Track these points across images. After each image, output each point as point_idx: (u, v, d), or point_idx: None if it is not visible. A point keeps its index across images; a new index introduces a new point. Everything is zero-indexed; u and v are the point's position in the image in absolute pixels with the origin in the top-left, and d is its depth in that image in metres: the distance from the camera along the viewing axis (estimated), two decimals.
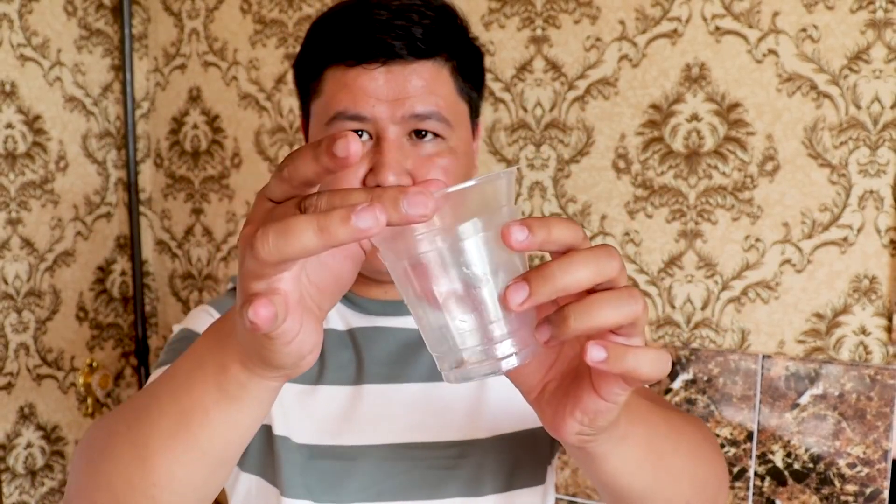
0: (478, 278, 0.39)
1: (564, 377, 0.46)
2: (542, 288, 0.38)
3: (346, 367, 0.76)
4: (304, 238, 0.35)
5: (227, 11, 1.57)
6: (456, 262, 0.39)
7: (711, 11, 1.18)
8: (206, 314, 0.77)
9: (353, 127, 0.70)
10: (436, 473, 0.72)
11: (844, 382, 1.12)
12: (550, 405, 0.46)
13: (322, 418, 0.73)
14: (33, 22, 1.46)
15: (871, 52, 1.09)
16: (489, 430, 0.74)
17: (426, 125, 0.70)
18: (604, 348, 0.39)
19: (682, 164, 1.21)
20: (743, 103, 1.17)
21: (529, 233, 0.37)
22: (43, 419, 1.53)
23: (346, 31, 0.70)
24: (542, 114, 1.30)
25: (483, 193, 0.40)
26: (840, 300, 1.14)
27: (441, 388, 0.76)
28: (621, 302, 0.39)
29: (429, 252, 0.39)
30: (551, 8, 1.28)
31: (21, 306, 1.47)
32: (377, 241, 0.41)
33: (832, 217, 1.13)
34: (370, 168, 0.69)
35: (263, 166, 1.57)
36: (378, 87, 0.69)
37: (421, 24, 0.69)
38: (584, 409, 0.43)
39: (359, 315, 0.79)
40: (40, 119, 1.48)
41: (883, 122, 1.09)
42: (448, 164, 0.71)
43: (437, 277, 0.40)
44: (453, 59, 0.72)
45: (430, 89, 0.70)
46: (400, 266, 0.41)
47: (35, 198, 1.48)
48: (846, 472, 1.13)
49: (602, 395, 0.42)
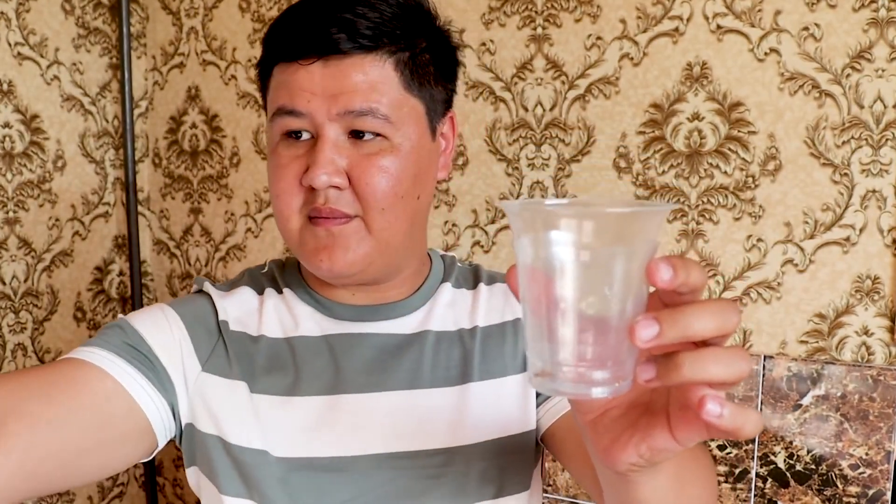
0: (609, 302, 0.39)
1: (631, 408, 0.47)
2: (671, 330, 0.38)
3: (322, 376, 0.73)
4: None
5: (226, 10, 1.56)
6: (595, 281, 0.39)
7: (713, 10, 1.17)
8: (160, 312, 0.74)
9: (292, 123, 0.68)
10: (420, 482, 0.71)
11: (847, 383, 1.12)
12: (609, 432, 0.46)
13: (300, 429, 0.71)
14: (31, 20, 1.45)
15: (873, 50, 1.08)
16: (473, 437, 0.73)
17: (363, 123, 0.67)
18: (720, 405, 0.39)
19: (684, 164, 1.21)
20: (745, 102, 1.16)
21: (674, 274, 0.38)
22: None
23: (292, 26, 0.68)
24: (543, 113, 1.30)
25: (642, 222, 0.40)
26: (842, 300, 1.13)
27: (422, 396, 0.73)
28: (734, 360, 0.39)
29: (573, 262, 0.39)
30: (552, 6, 1.27)
31: (18, 307, 1.46)
32: (517, 229, 0.41)
33: (834, 217, 1.13)
34: (307, 166, 0.67)
35: (262, 165, 1.56)
36: (314, 82, 0.67)
37: (366, 16, 0.66)
38: (651, 446, 0.44)
39: (333, 321, 0.76)
40: (38, 118, 1.48)
41: (885, 122, 1.08)
42: (389, 164, 0.68)
43: (571, 288, 0.40)
44: (403, 52, 0.68)
45: (370, 85, 0.66)
46: (536, 264, 0.40)
47: (32, 197, 1.47)
48: (848, 473, 1.12)
49: (677, 437, 0.43)
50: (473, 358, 0.76)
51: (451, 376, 0.75)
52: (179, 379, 0.71)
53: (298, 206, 0.70)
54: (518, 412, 0.75)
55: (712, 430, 0.42)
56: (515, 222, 0.42)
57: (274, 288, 0.80)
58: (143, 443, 0.70)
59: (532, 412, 0.76)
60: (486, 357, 0.76)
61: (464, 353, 0.76)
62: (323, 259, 0.69)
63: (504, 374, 0.76)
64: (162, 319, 0.73)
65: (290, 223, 0.71)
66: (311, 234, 0.70)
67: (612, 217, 0.40)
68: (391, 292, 0.77)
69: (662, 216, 0.41)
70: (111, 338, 0.70)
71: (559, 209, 0.40)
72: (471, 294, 0.81)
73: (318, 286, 0.78)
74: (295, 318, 0.77)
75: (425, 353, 0.75)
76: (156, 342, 0.71)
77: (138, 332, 0.71)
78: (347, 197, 0.68)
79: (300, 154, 0.69)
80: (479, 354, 0.76)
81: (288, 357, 0.74)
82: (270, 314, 0.77)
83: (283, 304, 0.78)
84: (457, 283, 0.82)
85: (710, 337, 0.39)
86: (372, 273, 0.72)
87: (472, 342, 0.77)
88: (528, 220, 0.41)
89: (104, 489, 1.67)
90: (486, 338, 0.77)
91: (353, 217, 0.69)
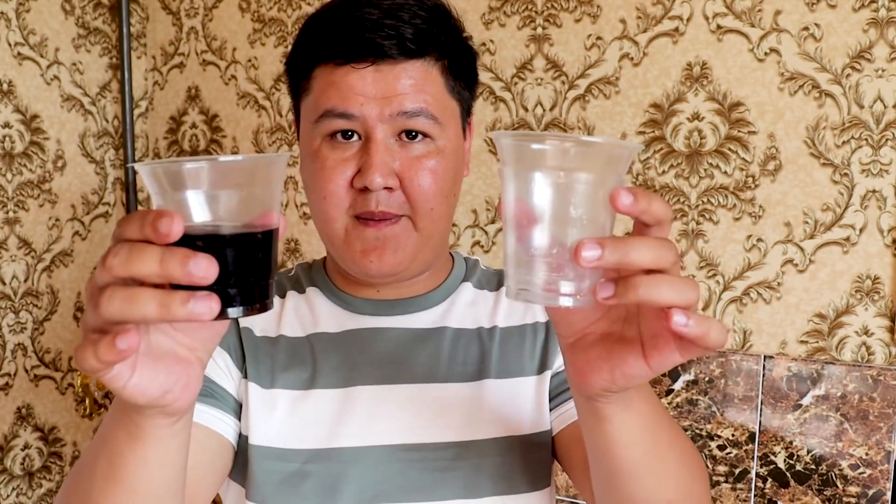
0: (576, 222, 0.44)
1: (605, 337, 0.50)
2: (612, 255, 0.42)
3: (338, 370, 0.75)
4: (146, 309, 0.41)
5: (226, 10, 1.56)
6: (567, 201, 0.44)
7: (713, 10, 1.17)
8: None
9: (342, 125, 0.70)
10: (432, 475, 0.72)
11: (847, 383, 1.12)
12: (585, 354, 0.50)
13: (316, 422, 0.73)
14: (31, 20, 1.45)
15: (873, 50, 1.08)
16: (486, 432, 0.74)
17: (415, 123, 0.70)
18: (685, 315, 0.43)
19: (684, 164, 1.21)
20: (745, 102, 1.16)
21: (634, 200, 0.42)
22: (41, 420, 1.52)
23: (337, 29, 0.70)
24: (543, 113, 1.30)
25: (610, 154, 0.45)
26: (842, 300, 1.13)
27: (437, 389, 0.75)
28: (684, 287, 0.44)
29: (549, 182, 0.44)
30: (552, 6, 1.27)
31: (18, 307, 1.46)
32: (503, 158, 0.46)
33: (834, 217, 1.13)
34: (358, 169, 0.69)
35: None
36: (366, 85, 0.68)
37: (411, 23, 0.69)
38: (624, 371, 0.48)
39: (352, 316, 0.78)
40: (38, 118, 1.48)
41: (885, 122, 1.08)
42: (436, 165, 0.71)
43: (545, 206, 0.45)
44: (444, 58, 0.72)
45: (418, 87, 0.69)
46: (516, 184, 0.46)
47: (32, 197, 1.47)
48: (848, 473, 1.12)
49: (649, 362, 0.47)
50: (491, 356, 0.77)
51: (467, 372, 0.76)
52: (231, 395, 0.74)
53: (346, 208, 0.71)
54: (533, 412, 0.76)
55: (682, 348, 0.45)
56: (502, 151, 0.46)
57: (296, 289, 0.82)
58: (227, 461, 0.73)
59: (546, 413, 0.76)
60: (505, 356, 0.77)
61: (482, 351, 0.77)
62: (373, 260, 0.71)
63: (521, 374, 0.77)
64: None
65: (336, 224, 0.72)
66: (358, 236, 0.71)
67: (583, 145, 0.45)
68: (414, 287, 0.79)
69: (630, 152, 0.46)
70: None
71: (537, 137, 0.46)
72: (493, 296, 0.82)
73: (342, 284, 0.80)
74: (315, 315, 0.79)
75: (443, 347, 0.77)
76: (212, 370, 0.74)
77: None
78: (398, 198, 0.70)
79: (348, 156, 0.70)
80: (497, 353, 0.77)
81: (307, 353, 0.76)
82: (290, 315, 0.79)
83: (305, 302, 0.80)
84: (479, 283, 0.83)
85: (647, 266, 0.43)
86: (413, 270, 0.75)
87: (490, 341, 0.78)
88: (512, 149, 0.46)
89: None
90: (505, 338, 0.78)
91: (400, 217, 0.71)
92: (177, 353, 0.48)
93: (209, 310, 0.41)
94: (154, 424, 0.49)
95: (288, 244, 1.55)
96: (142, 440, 0.50)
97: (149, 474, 0.51)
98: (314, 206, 0.73)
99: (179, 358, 0.48)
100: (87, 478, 0.53)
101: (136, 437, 0.50)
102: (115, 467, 0.51)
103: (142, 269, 0.41)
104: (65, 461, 1.58)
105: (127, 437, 0.50)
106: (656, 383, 1.24)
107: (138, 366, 0.45)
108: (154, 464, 0.51)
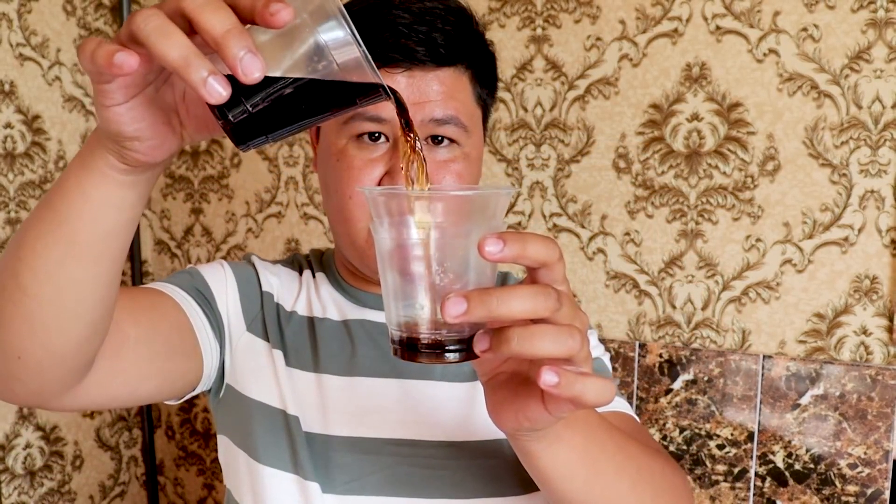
0: (449, 275, 0.43)
1: (514, 376, 0.49)
2: (477, 310, 0.40)
3: (338, 358, 0.76)
4: (170, 49, 0.39)
5: None
6: (436, 256, 0.43)
7: (712, 11, 1.17)
8: (220, 268, 0.79)
9: (372, 128, 0.70)
10: (420, 472, 0.72)
11: (845, 383, 1.12)
12: (497, 393, 0.50)
13: (318, 406, 0.74)
14: (32, 21, 1.46)
15: (872, 51, 1.08)
16: (480, 434, 0.74)
17: (444, 130, 0.70)
18: (556, 374, 0.42)
19: (683, 164, 1.21)
20: (744, 103, 1.17)
21: (504, 246, 0.40)
22: (42, 419, 1.52)
23: (369, 32, 0.69)
24: (543, 113, 1.30)
25: (482, 203, 0.44)
26: (841, 300, 1.13)
27: (433, 387, 0.75)
28: (561, 338, 0.42)
29: (418, 239, 0.43)
30: (551, 7, 1.28)
31: None
32: (373, 211, 0.45)
33: (833, 217, 1.13)
34: (386, 171, 0.70)
35: (263, 166, 1.56)
36: (399, 90, 0.69)
37: (442, 30, 0.69)
38: (526, 415, 0.47)
39: (354, 307, 0.79)
40: (39, 119, 1.48)
41: (884, 122, 1.09)
42: (462, 169, 0.72)
43: (418, 262, 0.44)
44: (472, 67, 0.73)
45: (449, 95, 0.70)
46: (390, 241, 0.45)
47: (34, 198, 1.48)
48: (847, 472, 1.13)
49: (549, 409, 0.46)
50: None
51: (463, 372, 0.76)
52: (226, 331, 0.76)
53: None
54: None
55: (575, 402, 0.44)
56: (374, 207, 0.46)
57: (310, 271, 0.84)
58: (188, 384, 0.73)
59: None
60: None
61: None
62: None
63: None
64: (221, 274, 0.78)
65: (360, 224, 0.72)
66: None
67: (449, 199, 0.44)
68: None
69: (497, 198, 0.45)
70: (182, 281, 0.75)
71: (406, 193, 0.47)
72: None
73: (350, 278, 0.81)
74: (322, 301, 0.80)
75: None
76: (218, 292, 0.76)
77: (206, 281, 0.76)
78: None
79: (375, 157, 0.71)
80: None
81: (310, 336, 0.77)
82: (303, 294, 0.81)
83: (314, 286, 0.82)
84: None
85: (524, 318, 0.41)
86: None
87: None
88: (384, 204, 0.45)
89: (105, 488, 1.67)
90: None
91: None
92: (169, 118, 0.48)
93: (217, 93, 0.39)
94: (107, 163, 0.48)
95: (288, 244, 1.55)
96: (89, 170, 0.49)
97: (86, 217, 0.50)
98: (335, 205, 0.74)
99: (169, 122, 0.48)
100: (32, 216, 0.52)
101: (86, 166, 0.49)
102: (57, 202, 0.50)
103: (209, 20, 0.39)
104: (66, 460, 1.58)
105: (79, 166, 0.49)
106: (655, 383, 1.25)
107: (133, 102, 0.45)
108: (95, 205, 0.49)
